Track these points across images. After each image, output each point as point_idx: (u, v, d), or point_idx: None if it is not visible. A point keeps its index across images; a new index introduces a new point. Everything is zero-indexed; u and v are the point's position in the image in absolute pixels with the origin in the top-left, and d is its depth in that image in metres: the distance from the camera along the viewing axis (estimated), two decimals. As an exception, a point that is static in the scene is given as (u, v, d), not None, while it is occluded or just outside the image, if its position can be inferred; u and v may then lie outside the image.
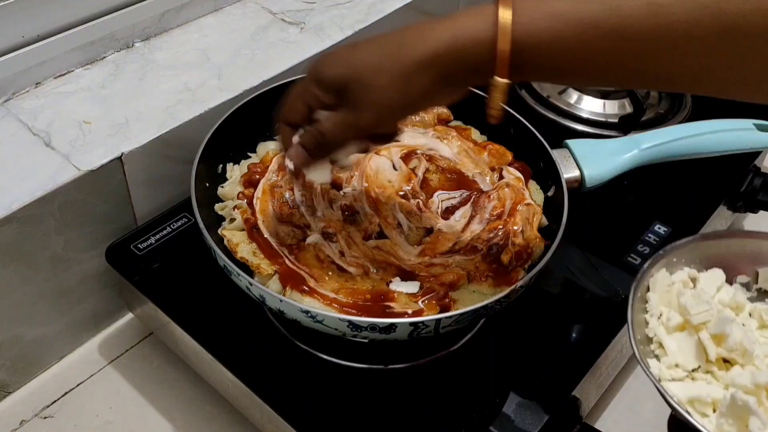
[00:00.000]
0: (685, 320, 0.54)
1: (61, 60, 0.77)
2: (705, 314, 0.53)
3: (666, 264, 0.58)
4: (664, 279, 0.57)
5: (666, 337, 0.54)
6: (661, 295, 0.56)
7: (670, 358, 0.53)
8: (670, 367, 0.53)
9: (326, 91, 0.52)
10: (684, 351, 0.53)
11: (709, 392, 0.51)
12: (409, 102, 0.50)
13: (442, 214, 0.67)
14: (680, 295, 0.56)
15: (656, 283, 0.57)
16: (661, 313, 0.55)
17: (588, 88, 0.92)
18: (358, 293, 0.59)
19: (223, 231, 0.64)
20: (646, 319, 0.55)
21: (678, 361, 0.53)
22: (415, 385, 0.63)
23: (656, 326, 0.55)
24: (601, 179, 0.71)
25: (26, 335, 0.70)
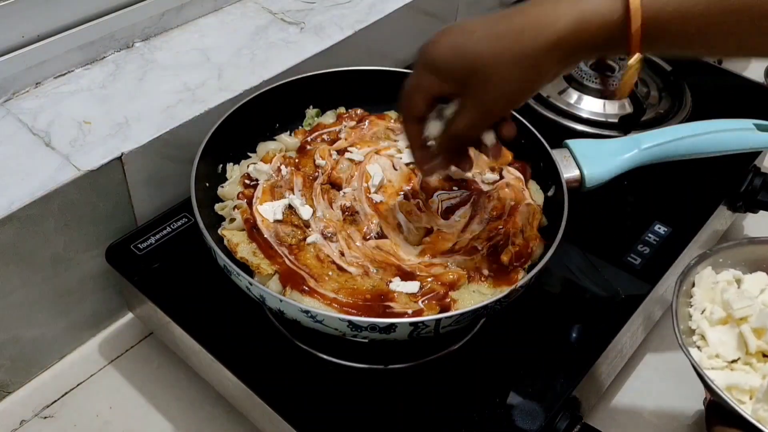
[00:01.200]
0: (727, 315, 0.57)
1: (61, 60, 0.77)
2: (747, 309, 0.55)
3: (712, 263, 0.60)
4: (710, 277, 0.59)
5: (708, 330, 0.56)
6: (705, 292, 0.58)
7: (712, 349, 0.56)
8: (711, 357, 0.55)
9: (445, 81, 0.51)
10: (725, 343, 0.56)
11: (747, 380, 0.52)
12: (535, 86, 0.50)
13: (442, 214, 0.67)
14: (724, 291, 0.58)
15: (701, 280, 0.59)
16: (704, 308, 0.57)
17: (586, 86, 0.92)
18: (358, 293, 0.59)
19: (223, 231, 0.64)
20: (690, 312, 0.57)
21: (719, 352, 0.55)
22: (415, 385, 0.63)
23: (699, 319, 0.57)
24: (601, 179, 0.71)
25: (26, 335, 0.70)
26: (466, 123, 0.52)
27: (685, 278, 0.57)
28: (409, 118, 0.55)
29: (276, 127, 0.76)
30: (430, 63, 0.51)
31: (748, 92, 1.00)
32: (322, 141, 0.74)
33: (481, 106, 0.51)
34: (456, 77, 0.50)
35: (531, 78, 0.49)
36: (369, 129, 0.75)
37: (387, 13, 0.93)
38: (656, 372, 0.76)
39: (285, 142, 0.74)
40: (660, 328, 0.79)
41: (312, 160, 0.71)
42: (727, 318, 0.56)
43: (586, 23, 0.46)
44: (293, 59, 0.83)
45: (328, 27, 0.89)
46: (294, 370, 0.63)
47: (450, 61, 0.50)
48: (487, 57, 0.48)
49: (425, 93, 0.53)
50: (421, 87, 0.53)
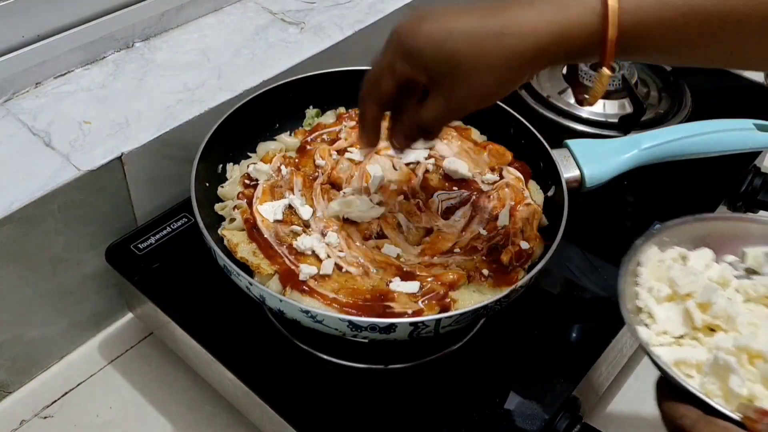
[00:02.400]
0: (673, 291, 0.57)
1: (61, 60, 0.77)
2: (692, 284, 0.55)
3: (658, 242, 0.60)
4: (656, 255, 0.59)
5: (655, 307, 0.56)
6: (652, 270, 0.58)
7: (659, 326, 0.55)
8: (658, 333, 0.55)
9: (418, 71, 0.50)
10: (672, 319, 0.56)
11: (694, 355, 0.52)
12: (509, 90, 0.50)
13: (442, 214, 0.67)
14: (670, 269, 0.58)
15: (648, 259, 0.59)
16: (651, 286, 0.57)
17: (586, 86, 0.92)
18: (358, 293, 0.59)
19: (223, 231, 0.64)
20: (637, 291, 0.57)
21: (666, 329, 0.55)
22: (415, 385, 0.63)
23: (647, 297, 0.57)
24: (601, 179, 0.71)
25: (26, 335, 0.70)
26: (434, 116, 0.52)
27: (631, 258, 0.58)
28: (372, 98, 0.54)
29: (276, 127, 0.76)
30: (406, 51, 0.50)
31: (748, 92, 1.00)
32: (322, 141, 0.74)
33: (453, 103, 0.50)
34: (431, 70, 0.49)
35: (507, 82, 0.49)
36: (369, 129, 0.75)
37: (387, 13, 0.93)
38: (656, 372, 0.76)
39: (285, 142, 0.74)
40: (660, 328, 0.79)
41: (312, 160, 0.71)
42: (673, 295, 0.56)
43: (567, 32, 0.46)
44: (293, 59, 0.83)
45: (328, 27, 0.89)
46: (294, 370, 0.63)
47: (428, 55, 0.49)
48: (466, 57, 0.48)
49: (396, 77, 0.52)
50: (392, 70, 0.51)
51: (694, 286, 0.55)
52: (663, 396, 0.48)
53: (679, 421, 0.45)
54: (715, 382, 0.50)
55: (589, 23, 0.46)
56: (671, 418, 0.46)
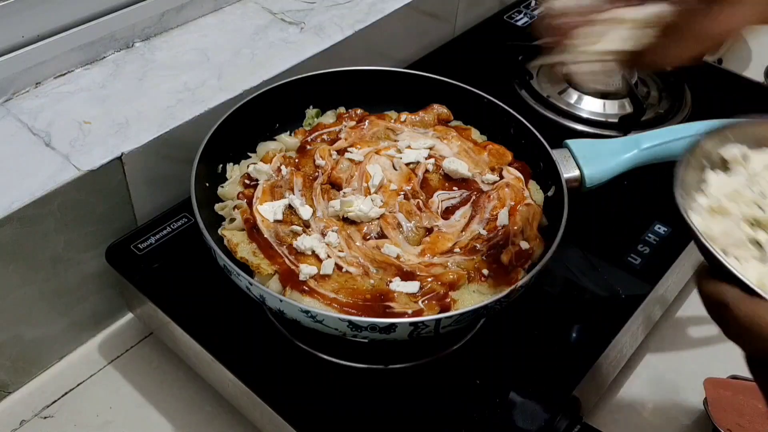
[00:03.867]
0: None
1: (61, 60, 0.77)
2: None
3: (721, 137, 0.59)
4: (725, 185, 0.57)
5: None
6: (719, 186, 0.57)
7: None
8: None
9: None
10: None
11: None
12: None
13: (442, 214, 0.67)
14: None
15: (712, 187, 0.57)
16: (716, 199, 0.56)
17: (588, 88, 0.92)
18: (358, 293, 0.59)
19: (223, 231, 0.64)
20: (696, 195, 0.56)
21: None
22: (415, 385, 0.63)
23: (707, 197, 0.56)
24: (601, 179, 0.71)
25: (26, 335, 0.70)
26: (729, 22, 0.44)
27: (693, 149, 0.57)
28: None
29: (276, 127, 0.76)
30: None
31: (748, 92, 1.00)
32: (322, 141, 0.74)
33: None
34: None
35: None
36: (369, 129, 0.75)
37: (387, 13, 0.93)
38: (656, 372, 0.76)
39: (285, 142, 0.74)
40: (660, 328, 0.79)
41: (312, 160, 0.71)
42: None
43: None
44: (293, 59, 0.83)
45: (328, 27, 0.89)
46: (294, 370, 0.63)
47: None
48: None
49: None
50: None
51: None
52: (704, 278, 0.47)
53: (720, 297, 0.44)
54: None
55: None
56: (714, 296, 0.45)
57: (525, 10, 1.13)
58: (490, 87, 0.77)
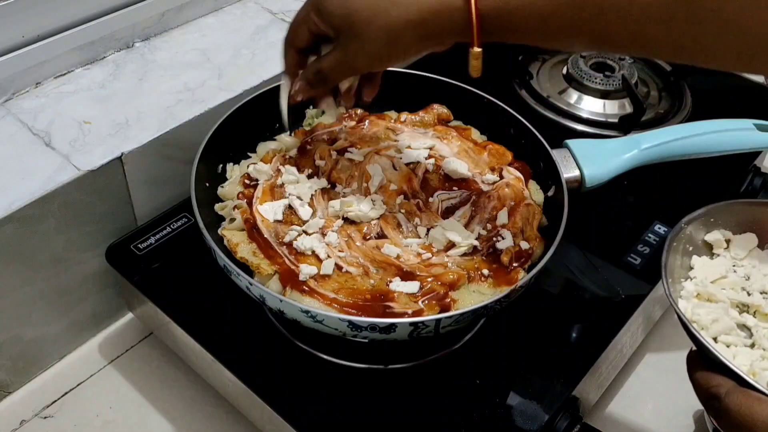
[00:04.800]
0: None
1: (61, 60, 0.77)
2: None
3: (704, 222, 0.61)
4: (706, 263, 0.59)
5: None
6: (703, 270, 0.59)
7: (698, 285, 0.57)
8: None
9: (324, 24, 0.57)
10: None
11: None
12: (396, 53, 0.56)
13: (442, 214, 0.67)
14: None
15: (699, 258, 0.60)
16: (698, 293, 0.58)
17: (586, 86, 0.92)
18: (358, 293, 0.59)
19: (223, 231, 0.64)
20: (689, 276, 0.58)
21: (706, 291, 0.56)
22: (415, 384, 0.63)
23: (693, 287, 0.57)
24: (601, 179, 0.71)
25: (26, 335, 0.70)
26: (330, 65, 0.58)
27: (677, 235, 0.59)
28: (291, 46, 0.61)
29: (276, 127, 0.76)
30: (317, 5, 0.56)
31: (748, 92, 1.00)
32: (322, 141, 0.74)
33: (345, 57, 0.57)
34: (334, 24, 0.56)
35: (392, 47, 0.55)
36: (369, 129, 0.75)
37: (387, 13, 0.93)
38: (656, 372, 0.76)
39: (285, 142, 0.74)
40: (660, 328, 0.79)
41: (312, 160, 0.71)
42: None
43: (444, 7, 0.52)
44: (293, 59, 0.83)
45: (328, 27, 0.89)
46: (294, 370, 0.63)
47: (330, 10, 0.56)
48: (363, 15, 0.54)
49: (308, 28, 0.58)
50: (306, 22, 0.58)
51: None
52: (695, 366, 0.49)
53: (713, 390, 0.46)
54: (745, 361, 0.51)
55: (457, 4, 0.51)
56: (705, 387, 0.46)
57: (525, 10, 1.13)
58: (490, 87, 0.76)
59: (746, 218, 0.61)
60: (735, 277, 0.58)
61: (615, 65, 0.94)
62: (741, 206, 0.62)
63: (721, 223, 0.61)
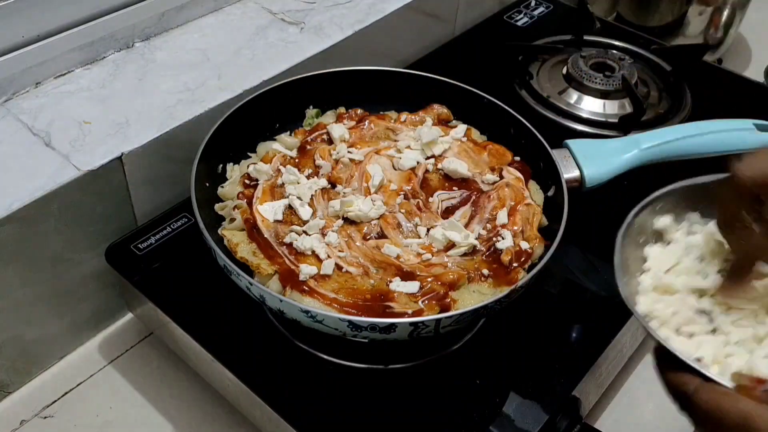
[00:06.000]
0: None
1: (61, 60, 0.77)
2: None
3: (651, 211, 0.59)
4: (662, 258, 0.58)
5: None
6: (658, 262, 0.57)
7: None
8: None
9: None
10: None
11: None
12: None
13: (442, 214, 0.67)
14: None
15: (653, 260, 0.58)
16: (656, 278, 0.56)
17: (586, 86, 0.92)
18: (358, 293, 0.59)
19: (223, 231, 0.64)
20: (643, 270, 0.57)
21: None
22: (415, 384, 0.63)
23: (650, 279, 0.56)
24: (601, 179, 0.71)
25: (26, 335, 0.70)
26: None
27: (626, 230, 0.57)
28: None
29: (276, 127, 0.76)
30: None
31: (748, 92, 1.00)
32: (322, 141, 0.74)
33: None
34: None
35: None
36: (369, 129, 0.75)
37: (387, 13, 0.93)
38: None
39: (285, 142, 0.74)
40: (660, 328, 0.79)
41: (312, 160, 0.71)
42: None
43: None
44: (293, 59, 0.83)
45: (328, 27, 0.89)
46: (294, 370, 0.63)
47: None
48: None
49: None
50: None
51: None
52: (663, 365, 0.49)
53: (682, 388, 0.47)
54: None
55: None
56: (674, 385, 0.48)
57: (525, 10, 1.13)
58: (490, 87, 0.77)
59: (692, 198, 0.60)
60: (689, 262, 0.58)
61: (615, 65, 0.94)
62: (685, 188, 0.61)
63: (668, 207, 0.60)
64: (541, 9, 1.13)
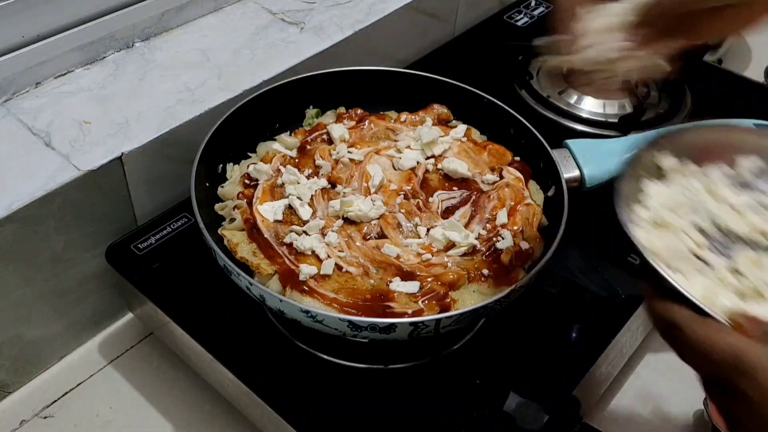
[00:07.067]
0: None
1: (61, 60, 0.77)
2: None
3: (657, 147, 0.58)
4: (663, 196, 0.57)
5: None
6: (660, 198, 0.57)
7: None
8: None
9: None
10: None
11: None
12: None
13: (442, 214, 0.67)
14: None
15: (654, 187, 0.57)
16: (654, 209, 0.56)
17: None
18: (358, 293, 0.59)
19: (223, 231, 0.64)
20: (641, 201, 0.56)
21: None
22: (415, 384, 0.63)
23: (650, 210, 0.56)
24: (601, 179, 0.71)
25: (26, 335, 0.70)
26: None
27: (632, 161, 0.56)
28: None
29: (276, 127, 0.76)
30: None
31: (748, 92, 1.00)
32: (322, 141, 0.74)
33: None
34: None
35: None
36: (369, 129, 0.75)
37: (387, 13, 0.93)
38: (656, 372, 0.76)
39: (285, 142, 0.74)
40: (660, 328, 0.79)
41: (312, 160, 0.71)
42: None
43: None
44: (293, 59, 0.83)
45: (328, 27, 0.89)
46: (294, 370, 0.63)
47: None
48: None
49: None
50: None
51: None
52: (652, 297, 0.47)
53: (671, 318, 0.44)
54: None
55: None
56: (663, 316, 0.45)
57: (525, 10, 1.13)
58: (490, 87, 0.77)
59: (697, 141, 0.60)
60: (688, 202, 0.57)
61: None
62: (693, 130, 0.60)
63: (673, 148, 0.58)
64: (541, 9, 1.13)
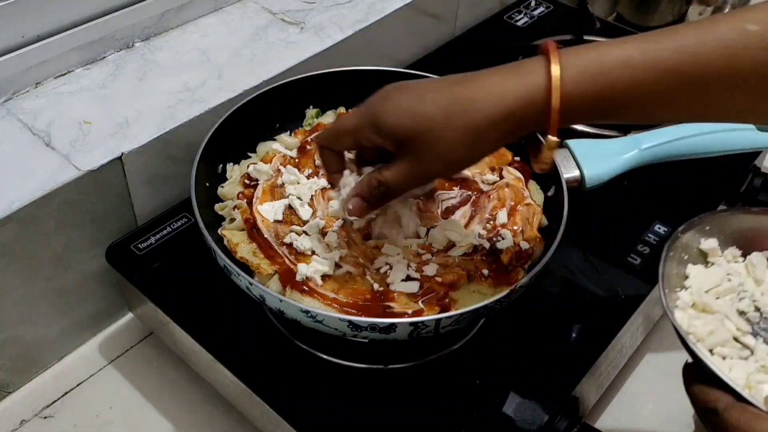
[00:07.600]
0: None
1: (61, 60, 0.77)
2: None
3: (700, 231, 0.60)
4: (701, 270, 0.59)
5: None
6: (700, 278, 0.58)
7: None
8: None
9: (387, 140, 0.51)
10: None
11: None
12: (477, 154, 0.51)
13: (442, 214, 0.67)
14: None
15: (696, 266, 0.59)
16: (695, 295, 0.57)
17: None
18: (358, 293, 0.59)
19: (223, 231, 0.64)
20: (684, 286, 0.58)
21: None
22: (415, 385, 0.63)
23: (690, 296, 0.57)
24: (601, 179, 0.71)
25: (26, 335, 0.70)
26: (398, 179, 0.52)
27: (673, 244, 0.58)
28: (329, 149, 0.57)
29: (276, 127, 0.76)
30: (375, 121, 0.51)
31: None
32: (322, 141, 0.74)
33: (419, 166, 0.51)
34: (398, 136, 0.50)
35: (476, 147, 0.50)
36: (369, 129, 0.75)
37: (387, 13, 0.93)
38: (656, 372, 0.76)
39: (285, 142, 0.74)
40: (660, 328, 0.79)
41: (312, 160, 0.71)
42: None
43: (530, 99, 0.47)
44: (293, 59, 0.83)
45: (328, 27, 0.89)
46: (294, 370, 0.63)
47: (397, 124, 0.50)
48: (437, 120, 0.49)
49: (355, 140, 0.54)
50: (355, 134, 0.53)
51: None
52: (692, 379, 0.49)
53: (712, 405, 0.45)
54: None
55: (537, 94, 0.47)
56: (703, 401, 0.46)
57: (525, 10, 1.13)
58: (490, 87, 0.76)
59: (742, 226, 0.61)
60: (730, 285, 0.58)
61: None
62: (737, 215, 0.61)
63: (717, 231, 0.60)
64: (541, 9, 1.13)
